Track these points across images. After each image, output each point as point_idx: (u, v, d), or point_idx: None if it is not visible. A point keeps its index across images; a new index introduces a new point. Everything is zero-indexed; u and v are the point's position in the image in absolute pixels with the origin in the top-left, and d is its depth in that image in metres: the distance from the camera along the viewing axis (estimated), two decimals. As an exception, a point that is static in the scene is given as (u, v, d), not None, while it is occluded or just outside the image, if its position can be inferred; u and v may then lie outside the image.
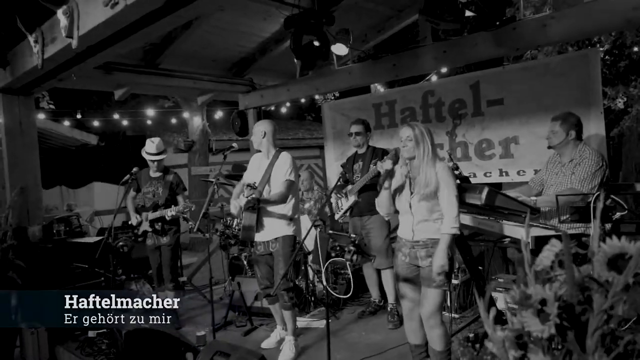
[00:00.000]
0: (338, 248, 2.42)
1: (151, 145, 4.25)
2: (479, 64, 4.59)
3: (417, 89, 5.05)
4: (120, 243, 3.47)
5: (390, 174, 2.64)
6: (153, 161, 4.25)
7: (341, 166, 4.13)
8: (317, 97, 13.11)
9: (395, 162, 2.62)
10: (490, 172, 4.54)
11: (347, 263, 2.27)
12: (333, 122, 5.90)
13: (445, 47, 4.02)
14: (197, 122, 10.68)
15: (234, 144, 3.77)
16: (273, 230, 3.45)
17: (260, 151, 3.59)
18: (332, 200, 4.34)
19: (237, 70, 6.06)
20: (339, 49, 4.87)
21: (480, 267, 4.34)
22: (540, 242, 2.49)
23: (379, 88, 10.43)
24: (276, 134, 3.55)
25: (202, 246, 7.89)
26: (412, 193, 2.65)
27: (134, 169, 4.04)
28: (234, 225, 4.90)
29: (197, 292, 5.00)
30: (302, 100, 10.88)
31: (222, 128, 12.15)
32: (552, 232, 2.58)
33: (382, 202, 2.70)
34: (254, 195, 3.21)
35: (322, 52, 3.97)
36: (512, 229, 2.69)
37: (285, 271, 3.09)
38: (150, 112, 8.77)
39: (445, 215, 2.52)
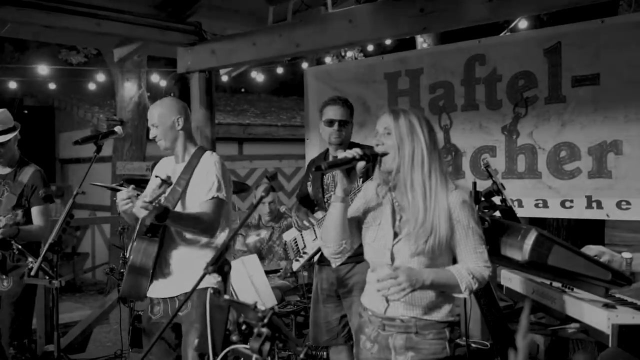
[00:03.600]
0: (244, 327, 2.04)
1: None
2: (564, 16, 4.39)
3: (456, 52, 4.89)
4: None
5: (350, 173, 2.45)
6: None
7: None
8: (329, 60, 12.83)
9: (365, 158, 2.41)
10: (572, 201, 4.32)
11: (254, 357, 1.89)
12: (320, 101, 5.59)
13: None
14: (129, 90, 10.48)
15: (117, 128, 3.52)
16: (183, 279, 3.26)
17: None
18: (289, 237, 4.21)
19: (175, 7, 5.85)
20: (335, -21, 4.65)
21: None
22: (629, 335, 2.39)
23: (424, 45, 10.19)
24: (189, 119, 3.50)
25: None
26: (396, 234, 2.48)
27: None
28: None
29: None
30: (305, 66, 10.66)
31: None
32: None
33: (329, 226, 2.54)
34: (161, 199, 3.03)
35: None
36: (578, 306, 2.62)
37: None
38: (44, 69, 8.54)
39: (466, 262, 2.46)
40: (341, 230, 2.49)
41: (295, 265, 4.00)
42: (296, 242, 4.04)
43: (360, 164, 2.39)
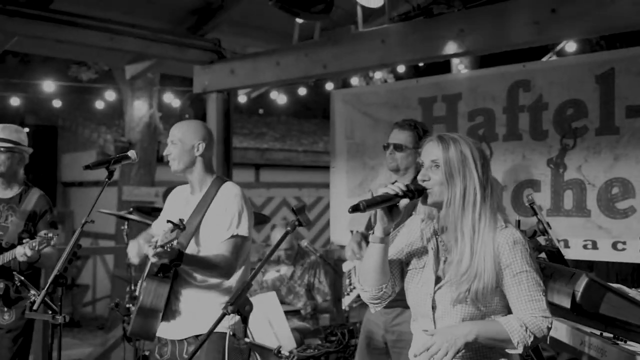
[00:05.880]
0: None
1: None
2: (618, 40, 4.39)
3: (498, 77, 4.87)
4: None
5: (392, 211, 2.31)
6: None
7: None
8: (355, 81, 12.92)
9: (410, 195, 2.30)
10: (625, 243, 4.25)
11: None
12: (348, 127, 5.78)
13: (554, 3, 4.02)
14: (139, 110, 10.62)
15: (131, 152, 3.58)
16: (195, 320, 3.34)
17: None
18: (347, 267, 4.24)
19: (192, 23, 6.04)
20: (369, -4, 4.79)
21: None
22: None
23: (459, 68, 10.21)
24: (212, 148, 3.59)
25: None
26: (438, 280, 2.42)
27: None
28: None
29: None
30: (330, 87, 10.79)
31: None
32: None
33: (367, 268, 2.43)
34: (173, 244, 2.99)
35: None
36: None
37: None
38: (50, 86, 8.69)
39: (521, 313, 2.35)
40: (381, 274, 2.40)
41: (345, 301, 3.96)
42: (350, 274, 4.04)
43: (404, 202, 2.28)
